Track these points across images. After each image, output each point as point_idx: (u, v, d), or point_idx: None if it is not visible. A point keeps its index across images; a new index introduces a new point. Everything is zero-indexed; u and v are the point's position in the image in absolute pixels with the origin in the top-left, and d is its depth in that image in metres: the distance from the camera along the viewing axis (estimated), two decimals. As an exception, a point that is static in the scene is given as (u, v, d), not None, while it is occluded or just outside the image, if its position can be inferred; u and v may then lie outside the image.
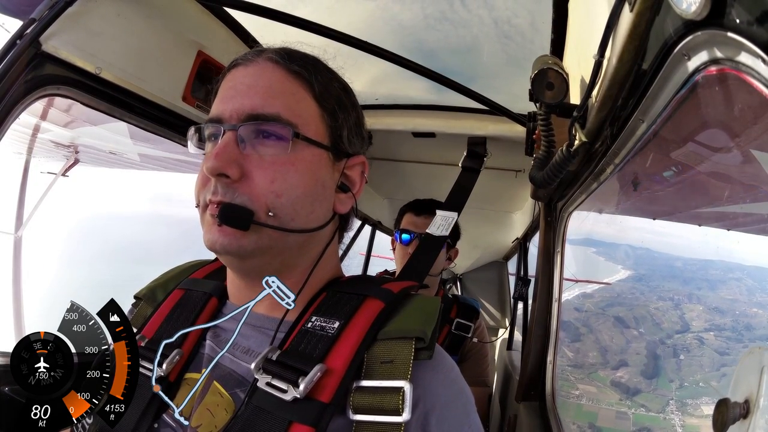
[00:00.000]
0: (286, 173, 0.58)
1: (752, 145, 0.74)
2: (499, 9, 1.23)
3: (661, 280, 5.27)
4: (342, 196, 0.67)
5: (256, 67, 0.61)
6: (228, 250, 0.57)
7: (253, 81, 0.60)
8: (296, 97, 0.61)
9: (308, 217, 0.60)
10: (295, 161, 0.58)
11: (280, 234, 0.58)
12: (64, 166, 3.27)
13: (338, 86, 0.66)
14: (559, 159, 0.97)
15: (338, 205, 0.66)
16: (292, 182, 0.58)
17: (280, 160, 0.58)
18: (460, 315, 1.99)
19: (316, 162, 0.61)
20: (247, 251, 0.58)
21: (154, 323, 0.68)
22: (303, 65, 0.62)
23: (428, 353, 0.55)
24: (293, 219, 0.59)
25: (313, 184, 0.60)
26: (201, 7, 1.28)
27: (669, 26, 0.57)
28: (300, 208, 0.59)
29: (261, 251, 0.59)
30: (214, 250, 0.58)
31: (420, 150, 2.04)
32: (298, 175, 0.59)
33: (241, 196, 0.57)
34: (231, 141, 0.57)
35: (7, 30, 0.97)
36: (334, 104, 0.64)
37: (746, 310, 3.98)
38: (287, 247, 0.61)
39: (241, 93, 0.60)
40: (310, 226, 0.61)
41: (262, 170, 0.57)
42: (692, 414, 3.62)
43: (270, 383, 0.54)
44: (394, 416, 0.51)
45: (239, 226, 0.56)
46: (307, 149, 0.60)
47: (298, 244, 0.61)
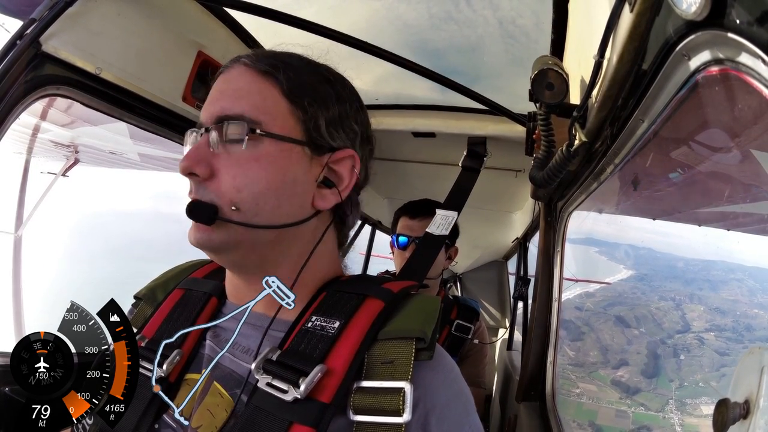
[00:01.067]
0: (248, 169, 0.59)
1: (752, 145, 0.74)
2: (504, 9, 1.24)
3: (662, 280, 5.27)
4: (324, 192, 0.64)
5: (230, 72, 0.64)
6: (200, 245, 0.60)
7: (226, 85, 0.64)
8: (263, 95, 0.62)
9: (274, 212, 0.60)
10: (259, 157, 0.60)
11: (246, 229, 0.59)
12: (64, 166, 3.27)
13: (317, 80, 0.66)
14: (559, 159, 0.97)
15: (318, 201, 0.64)
16: (254, 177, 0.59)
17: (243, 157, 0.59)
18: (461, 316, 1.99)
19: (283, 157, 0.61)
20: (216, 245, 0.60)
21: (154, 323, 0.68)
22: (272, 64, 0.64)
23: (429, 354, 0.55)
24: (257, 214, 0.59)
25: (279, 178, 0.60)
26: (201, 7, 1.28)
27: (669, 26, 0.57)
28: (263, 203, 0.59)
29: (230, 246, 0.60)
30: (193, 245, 0.61)
31: (420, 150, 2.04)
32: (261, 170, 0.59)
33: (209, 193, 0.59)
34: (203, 142, 0.61)
35: (7, 30, 0.97)
36: (306, 98, 0.63)
37: (747, 311, 3.98)
38: (259, 242, 0.61)
39: (215, 98, 0.64)
40: (279, 221, 0.61)
41: (227, 168, 0.60)
42: (691, 413, 3.62)
43: (270, 383, 0.54)
44: (394, 417, 0.51)
45: (203, 221, 0.59)
46: (272, 144, 0.60)
47: (270, 240, 0.61)
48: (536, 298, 1.65)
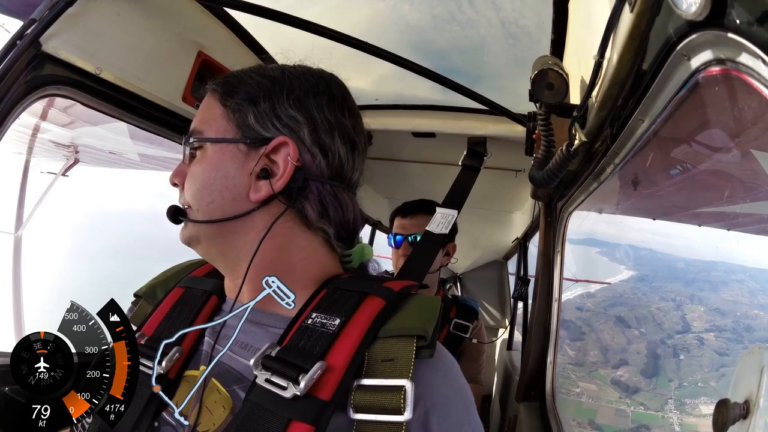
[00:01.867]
0: (193, 173, 0.67)
1: (752, 145, 0.74)
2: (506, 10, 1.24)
3: (663, 281, 5.27)
4: (259, 184, 0.64)
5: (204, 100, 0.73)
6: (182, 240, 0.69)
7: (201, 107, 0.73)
8: (206, 106, 0.70)
9: (209, 208, 0.65)
10: (201, 161, 0.66)
11: (196, 225, 0.66)
12: (64, 166, 3.27)
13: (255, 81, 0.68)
14: (559, 159, 0.97)
15: (252, 193, 0.64)
16: (195, 177, 0.66)
17: (194, 164, 0.68)
18: (459, 315, 1.99)
19: (218, 156, 0.66)
20: (185, 240, 0.69)
21: (154, 321, 0.68)
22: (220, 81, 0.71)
23: (429, 351, 0.55)
24: (198, 210, 0.66)
25: (211, 176, 0.65)
26: (201, 8, 1.28)
27: (669, 27, 0.57)
28: (200, 200, 0.65)
29: (193, 240, 0.68)
30: None
31: (420, 150, 2.04)
32: (200, 171, 0.66)
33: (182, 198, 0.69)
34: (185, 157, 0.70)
35: (7, 30, 0.97)
36: (239, 99, 0.67)
37: (747, 312, 3.99)
38: (207, 236, 0.66)
39: None
40: (215, 216, 0.64)
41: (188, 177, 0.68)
42: (690, 413, 3.63)
43: (269, 380, 0.54)
44: (395, 415, 0.51)
45: (173, 221, 0.69)
46: (210, 147, 0.66)
47: (215, 233, 0.66)
48: (536, 298, 1.65)
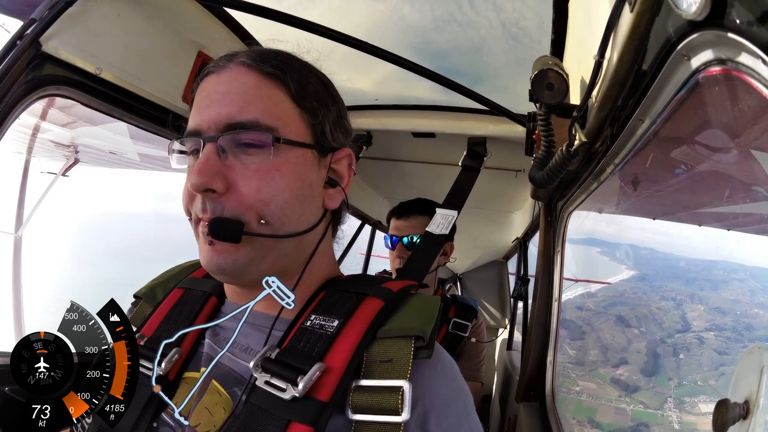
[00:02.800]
0: (271, 180, 0.57)
1: (752, 145, 0.74)
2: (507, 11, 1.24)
3: (664, 280, 5.27)
4: (331, 192, 0.65)
5: (228, 73, 0.60)
6: (223, 269, 0.57)
7: (227, 88, 0.58)
8: (273, 99, 0.59)
9: (299, 220, 0.60)
10: (280, 166, 0.57)
11: (273, 241, 0.57)
12: (64, 166, 3.27)
13: (316, 81, 0.65)
14: (559, 159, 0.97)
15: (328, 201, 0.65)
16: (279, 188, 0.57)
17: (264, 167, 0.57)
18: (458, 315, 1.99)
19: (300, 163, 0.60)
20: (241, 266, 0.57)
21: (154, 322, 0.68)
22: (276, 65, 0.60)
23: (428, 352, 0.55)
24: (284, 224, 0.58)
25: (300, 185, 0.59)
26: (201, 7, 1.28)
27: (669, 26, 0.57)
28: (290, 213, 0.58)
29: (256, 262, 0.58)
30: (210, 270, 0.58)
31: (420, 150, 2.04)
32: (284, 179, 0.58)
33: (230, 210, 0.56)
34: (212, 153, 0.56)
35: (7, 30, 0.97)
36: (312, 101, 0.62)
37: (747, 311, 3.99)
38: (282, 254, 0.60)
39: (216, 102, 0.58)
40: (302, 228, 0.60)
41: (247, 180, 0.56)
42: (689, 411, 3.65)
43: (269, 382, 0.54)
44: (393, 416, 0.51)
45: (231, 239, 0.55)
46: (290, 151, 0.59)
47: (292, 248, 0.61)
48: (536, 298, 1.65)
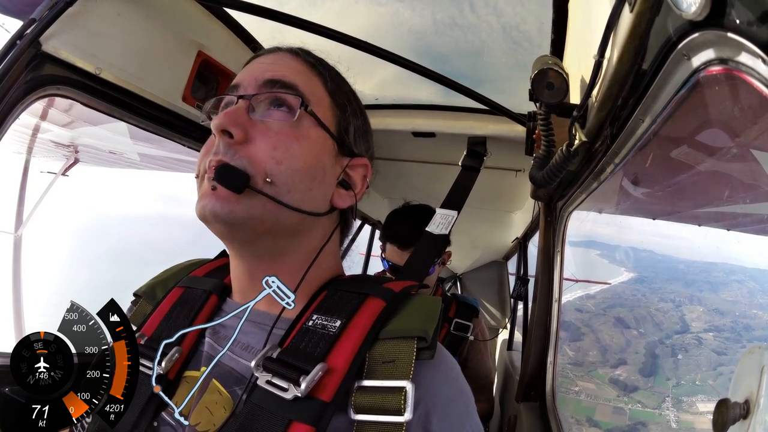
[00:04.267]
0: (289, 144, 0.58)
1: (752, 144, 0.74)
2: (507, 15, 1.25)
3: (663, 282, 5.28)
4: (342, 192, 0.66)
5: (276, 54, 0.66)
6: (217, 216, 0.56)
7: (273, 61, 0.64)
8: (312, 82, 0.64)
9: (305, 195, 0.60)
10: (300, 136, 0.60)
11: (273, 206, 0.57)
12: (64, 165, 3.27)
13: (348, 89, 0.70)
14: (559, 159, 0.97)
15: (337, 199, 0.66)
16: (294, 153, 0.58)
17: (285, 132, 0.59)
18: (459, 314, 1.98)
19: (320, 144, 0.62)
20: (237, 218, 0.56)
21: (154, 321, 0.68)
22: (318, 61, 0.67)
23: (430, 353, 0.55)
24: (290, 191, 0.58)
25: (314, 162, 0.60)
26: (201, 7, 1.28)
27: (669, 26, 0.57)
28: (298, 182, 0.59)
29: (252, 221, 0.57)
30: (203, 217, 0.57)
31: (420, 150, 2.04)
32: (301, 148, 0.59)
33: (240, 159, 0.56)
34: (242, 107, 0.59)
35: (7, 30, 0.97)
36: (344, 99, 0.67)
37: (746, 312, 4.00)
38: (279, 225, 0.59)
39: (260, 67, 0.63)
40: (306, 206, 0.60)
41: (266, 137, 0.58)
42: (687, 411, 3.67)
43: (270, 381, 0.53)
44: (395, 416, 0.51)
45: (234, 187, 0.55)
46: (313, 128, 0.61)
47: (291, 224, 0.60)
48: (536, 298, 1.65)
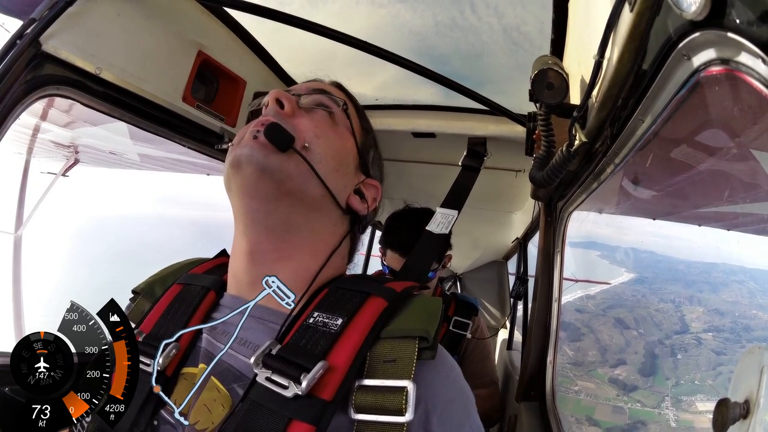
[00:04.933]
0: (326, 129, 0.68)
1: (752, 145, 0.74)
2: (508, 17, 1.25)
3: (663, 282, 5.29)
4: (357, 198, 0.72)
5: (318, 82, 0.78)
6: (252, 159, 0.59)
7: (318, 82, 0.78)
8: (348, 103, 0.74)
9: (331, 173, 0.66)
10: (336, 129, 0.70)
11: (304, 169, 0.62)
12: (64, 166, 3.27)
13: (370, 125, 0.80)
14: (559, 159, 0.97)
15: (353, 200, 0.71)
16: (330, 137, 0.68)
17: (326, 120, 0.69)
18: (458, 313, 1.98)
19: (348, 147, 0.71)
20: (270, 166, 0.60)
21: (152, 318, 0.68)
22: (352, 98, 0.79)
23: (431, 353, 0.55)
24: (321, 162, 0.64)
25: (342, 154, 0.69)
26: (201, 7, 1.28)
27: (669, 26, 0.57)
28: (330, 158, 0.66)
29: (281, 175, 0.60)
30: (237, 162, 0.60)
31: (420, 150, 2.04)
32: (335, 136, 0.69)
33: (287, 124, 0.64)
34: (294, 97, 0.69)
35: (7, 30, 0.97)
36: (369, 126, 0.78)
37: (746, 312, 4.00)
38: (302, 190, 0.63)
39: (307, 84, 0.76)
40: (329, 184, 0.65)
41: (309, 118, 0.67)
42: (686, 410, 3.68)
43: (270, 378, 0.53)
44: (396, 416, 0.51)
45: (278, 143, 0.60)
46: (346, 132, 0.71)
47: (312, 197, 0.64)
48: (536, 298, 1.65)
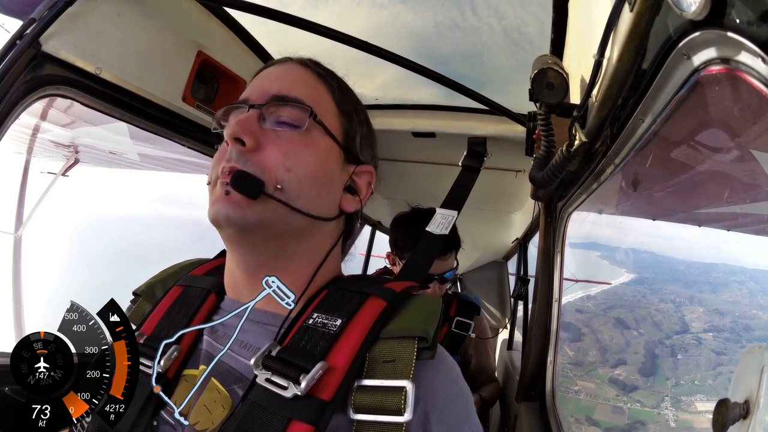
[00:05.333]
0: (298, 151, 0.61)
1: (752, 144, 0.74)
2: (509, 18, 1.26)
3: (663, 283, 5.29)
4: (348, 197, 0.69)
5: (284, 66, 0.68)
6: (231, 220, 0.58)
7: (281, 73, 0.67)
8: (318, 92, 0.66)
9: (313, 201, 0.62)
10: (309, 144, 0.62)
11: (284, 210, 0.59)
12: (64, 166, 3.27)
13: (354, 99, 0.73)
14: (559, 159, 0.97)
15: (345, 203, 0.68)
16: (304, 161, 0.61)
17: (295, 139, 0.61)
18: (460, 313, 1.98)
19: (328, 152, 0.64)
20: (249, 223, 0.58)
21: (153, 320, 0.68)
22: (327, 71, 0.69)
23: (430, 353, 0.55)
24: (299, 197, 0.60)
25: (322, 170, 0.63)
26: (201, 7, 1.28)
27: (669, 26, 0.57)
28: (307, 188, 0.61)
29: (263, 226, 0.59)
30: (216, 221, 0.59)
31: (420, 150, 2.04)
32: (310, 156, 0.62)
33: (252, 165, 0.58)
34: (253, 116, 0.61)
35: (7, 30, 0.97)
36: (350, 109, 0.69)
37: (746, 312, 4.01)
38: (288, 229, 0.61)
39: (268, 80, 0.66)
40: (314, 211, 0.62)
41: (276, 145, 0.60)
42: (686, 410, 3.70)
43: (269, 379, 0.53)
44: (395, 416, 0.51)
45: (249, 193, 0.57)
46: (321, 137, 0.64)
47: (299, 229, 0.62)
48: (536, 298, 1.65)
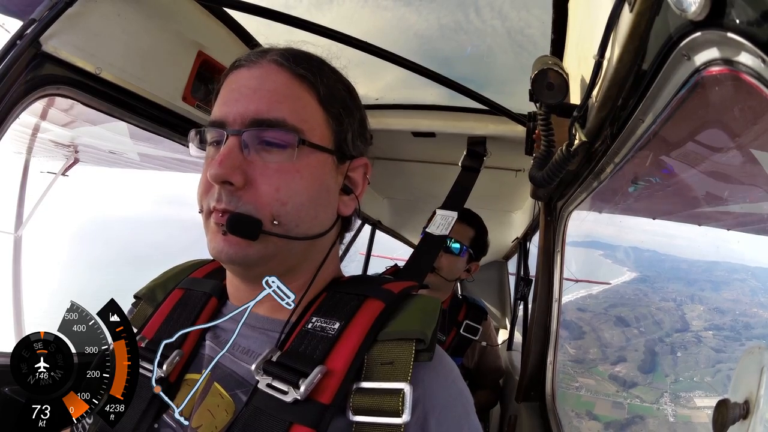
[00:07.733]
0: (290, 181, 0.57)
1: (752, 144, 0.74)
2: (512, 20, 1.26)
3: (665, 281, 5.30)
4: (345, 198, 0.67)
5: (260, 69, 0.60)
6: (233, 260, 0.57)
7: (258, 84, 0.59)
8: (302, 101, 0.60)
9: (312, 223, 0.61)
10: (300, 168, 0.58)
11: (285, 241, 0.58)
12: (64, 165, 3.27)
13: (343, 88, 0.66)
14: (558, 158, 0.97)
15: (342, 208, 0.67)
16: (297, 189, 0.58)
17: (285, 168, 0.57)
18: (470, 317, 1.99)
19: (320, 167, 0.61)
20: (252, 260, 0.58)
21: (155, 323, 0.68)
22: (308, 68, 0.61)
23: (428, 355, 0.55)
24: (297, 225, 0.59)
25: (317, 189, 0.60)
26: (201, 7, 1.28)
27: (669, 26, 0.57)
28: (304, 215, 0.59)
29: (266, 259, 0.59)
30: (219, 259, 0.58)
31: (420, 149, 2.04)
32: (303, 181, 0.58)
33: (245, 204, 0.56)
34: (234, 147, 0.56)
35: (7, 30, 0.97)
36: (339, 108, 0.63)
37: (747, 310, 4.02)
38: (291, 254, 0.61)
39: (245, 96, 0.59)
40: (314, 231, 0.61)
41: (266, 177, 0.57)
42: (684, 405, 3.72)
43: (270, 384, 0.54)
44: (394, 418, 0.51)
45: (247, 236, 0.55)
46: (312, 155, 0.59)
47: (302, 250, 0.62)
48: (536, 298, 1.65)
